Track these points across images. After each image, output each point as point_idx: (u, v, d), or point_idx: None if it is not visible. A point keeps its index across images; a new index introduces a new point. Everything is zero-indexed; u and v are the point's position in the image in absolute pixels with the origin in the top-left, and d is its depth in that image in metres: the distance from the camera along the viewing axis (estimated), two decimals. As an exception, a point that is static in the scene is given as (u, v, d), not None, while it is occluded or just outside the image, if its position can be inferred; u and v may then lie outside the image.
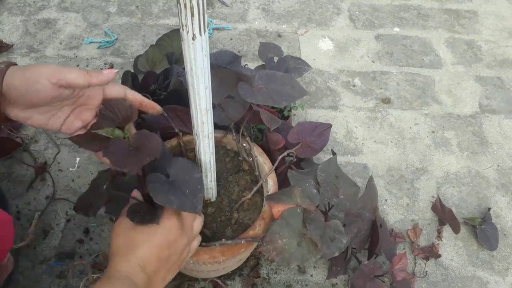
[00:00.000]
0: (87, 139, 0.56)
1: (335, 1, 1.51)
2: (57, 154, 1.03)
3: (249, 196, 0.71)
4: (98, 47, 1.30)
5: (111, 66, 1.24)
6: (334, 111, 1.18)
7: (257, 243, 0.74)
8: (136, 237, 0.53)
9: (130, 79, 0.79)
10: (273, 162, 0.76)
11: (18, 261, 0.86)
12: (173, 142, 0.77)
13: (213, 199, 0.74)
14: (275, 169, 0.76)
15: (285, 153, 0.78)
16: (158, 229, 0.54)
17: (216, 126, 0.65)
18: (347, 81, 1.26)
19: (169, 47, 0.88)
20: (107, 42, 1.31)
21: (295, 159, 0.88)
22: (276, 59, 0.88)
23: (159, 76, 0.81)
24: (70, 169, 1.02)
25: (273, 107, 0.91)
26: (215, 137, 0.63)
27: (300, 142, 0.80)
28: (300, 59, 0.89)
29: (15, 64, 0.51)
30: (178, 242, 0.56)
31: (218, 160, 0.78)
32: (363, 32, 1.41)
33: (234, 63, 0.78)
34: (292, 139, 0.80)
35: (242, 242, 0.65)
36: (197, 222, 0.60)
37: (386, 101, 1.21)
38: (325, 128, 0.82)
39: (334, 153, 0.86)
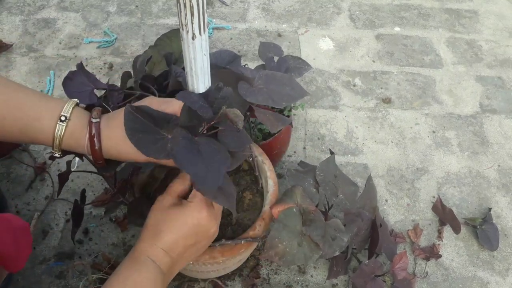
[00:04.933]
0: None
1: (336, 0, 1.51)
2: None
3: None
4: (98, 47, 1.30)
5: (111, 66, 1.24)
6: (335, 111, 1.18)
7: (257, 243, 0.74)
8: (166, 221, 0.54)
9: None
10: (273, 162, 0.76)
11: (18, 261, 0.86)
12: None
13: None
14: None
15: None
16: (188, 218, 0.54)
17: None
18: (347, 81, 1.26)
19: (168, 48, 0.88)
20: (107, 41, 1.31)
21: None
22: (276, 58, 0.87)
23: (158, 78, 0.80)
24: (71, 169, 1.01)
25: (273, 107, 0.91)
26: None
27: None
28: (300, 58, 0.88)
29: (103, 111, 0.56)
30: (207, 231, 0.56)
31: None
32: (363, 31, 1.40)
33: (234, 63, 0.77)
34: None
35: (242, 242, 0.65)
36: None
37: (387, 101, 1.21)
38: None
39: (332, 153, 0.86)
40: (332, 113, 1.17)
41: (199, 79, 0.50)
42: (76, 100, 0.55)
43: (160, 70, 0.83)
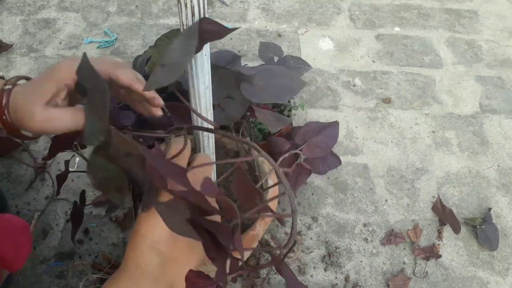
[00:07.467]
0: None
1: (335, 0, 1.51)
2: (56, 154, 1.03)
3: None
4: (98, 47, 1.30)
5: (111, 66, 1.24)
6: (335, 111, 1.18)
7: (257, 244, 0.74)
8: None
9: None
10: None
11: (18, 261, 0.86)
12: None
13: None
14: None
15: (287, 155, 0.77)
16: None
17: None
18: (347, 81, 1.26)
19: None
20: (107, 42, 1.31)
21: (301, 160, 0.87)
22: (276, 58, 0.88)
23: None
24: (70, 169, 1.02)
25: (273, 107, 0.91)
26: (214, 137, 0.63)
27: (307, 142, 0.79)
28: (300, 58, 0.88)
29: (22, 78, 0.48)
30: None
31: (218, 160, 0.77)
32: (363, 31, 1.40)
33: (234, 63, 0.77)
34: (298, 140, 0.80)
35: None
36: None
37: (387, 101, 1.21)
38: (332, 126, 0.81)
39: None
40: (332, 113, 1.17)
41: (199, 79, 0.50)
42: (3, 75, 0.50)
43: (160, 70, 0.83)
